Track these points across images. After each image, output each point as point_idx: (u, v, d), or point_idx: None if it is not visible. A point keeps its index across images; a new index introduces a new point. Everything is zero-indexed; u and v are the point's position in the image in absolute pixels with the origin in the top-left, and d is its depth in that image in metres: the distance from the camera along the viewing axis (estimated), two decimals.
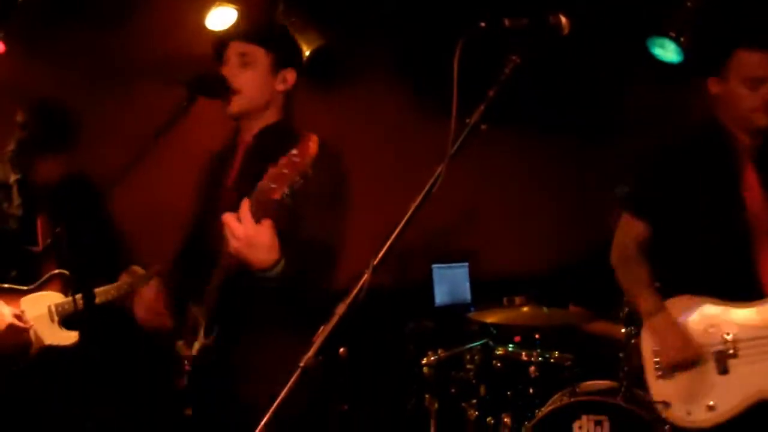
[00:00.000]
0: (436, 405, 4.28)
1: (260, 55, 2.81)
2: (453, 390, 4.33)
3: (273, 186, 2.31)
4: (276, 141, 2.78)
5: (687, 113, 4.34)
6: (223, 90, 2.75)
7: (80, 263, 3.24)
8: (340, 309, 1.67)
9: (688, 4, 4.40)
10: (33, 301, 3.65)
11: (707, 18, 4.38)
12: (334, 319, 1.66)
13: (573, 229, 5.46)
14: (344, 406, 3.21)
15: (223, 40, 2.86)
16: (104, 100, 4.54)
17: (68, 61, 4.60)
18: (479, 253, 5.84)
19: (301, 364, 1.64)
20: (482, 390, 4.26)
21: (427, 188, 1.76)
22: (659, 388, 3.14)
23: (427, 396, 4.32)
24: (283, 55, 2.87)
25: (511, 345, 4.43)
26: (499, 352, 4.31)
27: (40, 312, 3.63)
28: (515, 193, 5.78)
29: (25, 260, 3.69)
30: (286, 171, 2.30)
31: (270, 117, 2.87)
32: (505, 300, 4.61)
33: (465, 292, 5.73)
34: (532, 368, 4.12)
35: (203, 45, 4.52)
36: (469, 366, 4.31)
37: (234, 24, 2.91)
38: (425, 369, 4.34)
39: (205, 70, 2.80)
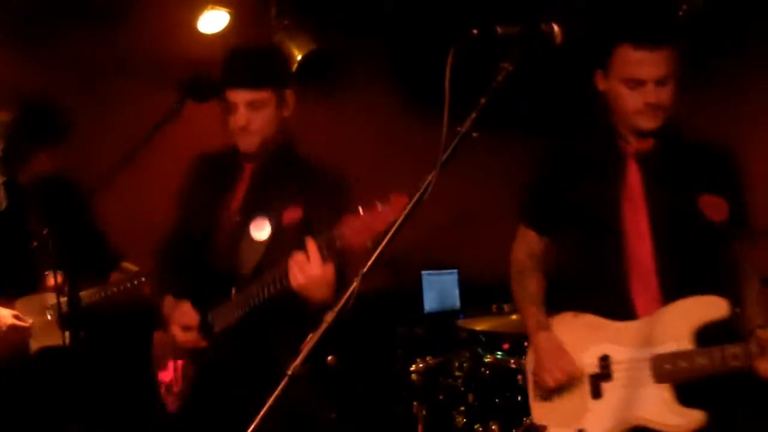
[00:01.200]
0: (425, 412, 4.27)
1: (268, 97, 2.83)
2: (441, 397, 4.32)
3: (356, 236, 2.37)
4: (284, 161, 2.89)
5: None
6: (214, 93, 2.75)
7: (67, 264, 3.22)
8: (329, 317, 1.66)
9: (681, 12, 4.42)
10: (29, 303, 3.65)
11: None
12: (323, 327, 1.65)
13: None
14: (332, 414, 3.19)
15: (227, 82, 2.84)
16: (96, 101, 4.52)
17: (60, 62, 4.58)
18: (469, 259, 5.83)
19: (289, 372, 1.62)
20: (470, 397, 4.25)
21: (417, 196, 1.75)
22: (538, 411, 2.88)
23: (415, 403, 4.31)
24: (285, 83, 2.91)
25: (499, 352, 4.42)
26: (488, 359, 4.30)
27: (36, 313, 3.63)
28: (505, 200, 5.76)
29: (18, 261, 3.66)
30: (373, 225, 2.34)
31: (276, 141, 2.90)
32: (494, 307, 4.61)
33: (454, 299, 5.73)
34: (521, 376, 4.11)
35: (195, 48, 4.54)
36: (457, 373, 4.30)
37: (235, 70, 2.86)
38: (414, 376, 4.33)
39: (196, 73, 2.79)
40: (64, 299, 3.59)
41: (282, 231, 2.72)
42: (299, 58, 4.94)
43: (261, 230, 2.72)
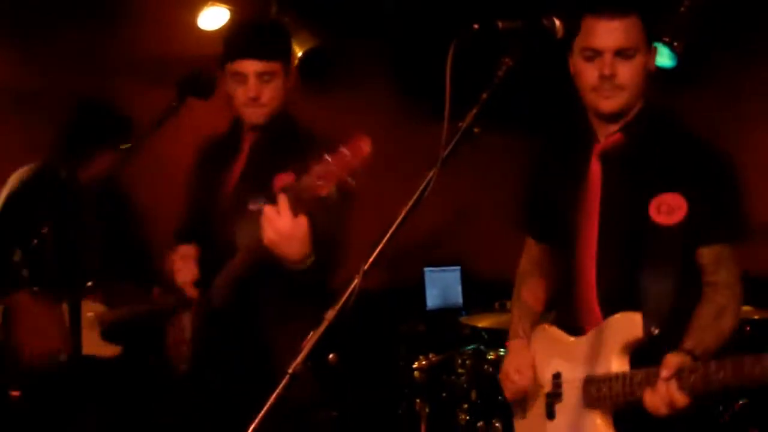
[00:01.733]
0: (427, 409, 4.27)
1: (278, 69, 2.82)
2: (444, 394, 4.31)
3: (319, 183, 2.30)
4: (282, 132, 2.87)
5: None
6: (212, 90, 2.75)
7: (67, 267, 3.22)
8: (330, 314, 1.65)
9: (682, 9, 4.40)
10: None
11: None
12: (324, 325, 1.64)
13: None
14: (334, 413, 3.18)
15: (237, 54, 2.82)
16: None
17: (60, 60, 4.59)
18: (471, 256, 5.82)
19: (290, 371, 1.61)
20: (473, 395, 4.24)
21: (418, 193, 1.74)
22: (516, 426, 2.75)
23: (418, 400, 4.31)
24: (290, 56, 2.93)
25: (502, 350, 4.41)
26: (491, 356, 4.29)
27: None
28: (508, 196, 5.75)
29: (68, 262, 3.61)
30: (334, 168, 2.28)
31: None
32: (496, 304, 4.59)
33: (457, 296, 5.71)
34: None
35: (195, 45, 4.53)
36: (460, 370, 4.29)
37: (247, 41, 2.85)
38: (416, 373, 4.32)
39: (195, 70, 2.78)
40: (112, 309, 3.62)
41: (311, 203, 2.60)
42: (299, 54, 4.93)
43: (256, 202, 2.64)
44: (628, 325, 2.31)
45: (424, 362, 4.32)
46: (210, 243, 2.80)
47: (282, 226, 2.40)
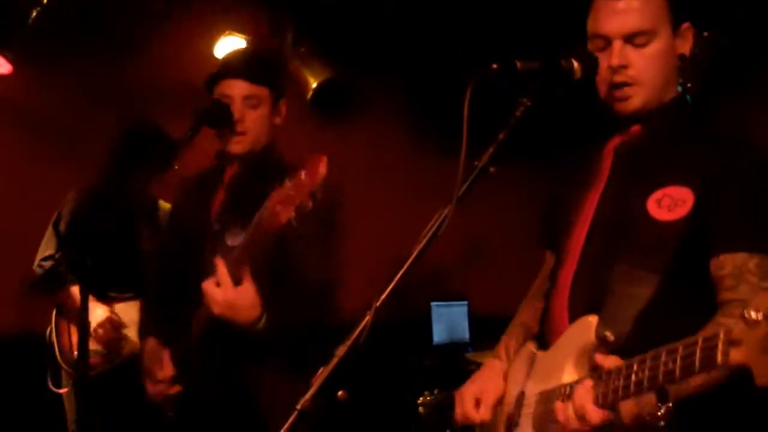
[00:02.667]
0: None
1: (265, 95, 2.81)
2: (449, 430, 4.28)
3: (278, 209, 2.25)
4: (262, 166, 2.81)
5: None
6: (229, 122, 2.75)
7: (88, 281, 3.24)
8: (341, 351, 1.63)
9: (696, 50, 4.41)
10: (127, 308, 3.79)
11: None
12: (334, 361, 1.63)
13: None
14: None
15: (224, 75, 2.83)
16: (111, 125, 4.54)
17: (78, 88, 4.63)
18: (478, 291, 5.80)
19: (298, 407, 1.59)
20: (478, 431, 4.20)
21: (433, 230, 1.73)
22: None
23: None
24: (281, 89, 2.89)
25: None
26: None
27: (134, 318, 3.75)
28: (516, 231, 5.76)
29: (121, 268, 3.78)
30: (293, 193, 2.24)
31: (260, 147, 2.86)
32: None
33: (463, 331, 5.69)
34: None
35: None
36: None
37: (235, 63, 2.88)
38: (421, 408, 4.29)
39: (211, 101, 2.79)
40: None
41: (270, 236, 2.54)
42: (314, 85, 4.95)
43: (235, 238, 2.61)
44: (582, 329, 1.89)
45: (429, 398, 4.29)
46: (191, 275, 2.73)
47: (223, 297, 2.38)
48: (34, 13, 4.09)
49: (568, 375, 1.88)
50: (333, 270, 2.69)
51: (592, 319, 1.86)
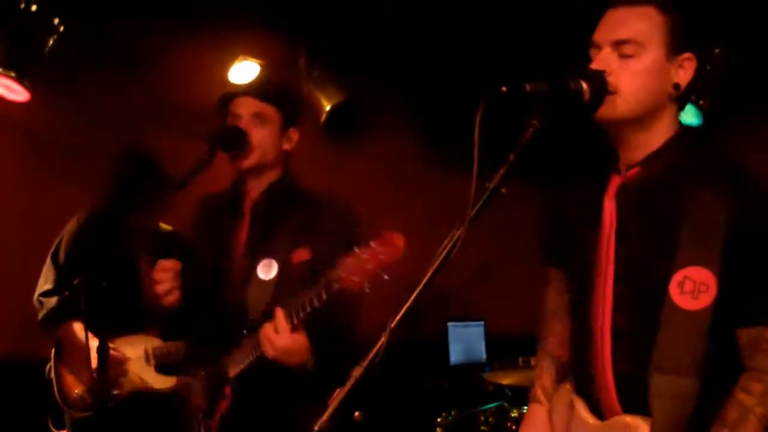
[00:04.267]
0: None
1: (273, 114, 2.86)
2: None
3: (354, 278, 2.31)
4: (283, 198, 2.86)
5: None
6: (243, 146, 2.78)
7: (97, 315, 3.25)
8: (356, 372, 1.65)
9: (708, 67, 4.42)
10: (129, 343, 3.70)
11: None
12: (350, 383, 1.64)
13: None
14: None
15: (234, 94, 2.89)
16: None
17: (92, 110, 4.66)
18: (495, 311, 5.80)
19: (316, 428, 1.61)
20: None
21: (446, 252, 1.74)
22: None
23: None
24: (292, 114, 2.93)
25: (525, 407, 4.36)
26: (514, 414, 4.25)
27: (135, 354, 3.67)
28: (533, 252, 5.75)
29: (122, 301, 3.70)
30: (370, 266, 2.29)
31: (274, 175, 2.90)
32: (520, 360, 4.56)
33: (480, 352, 5.68)
34: None
35: None
36: (483, 428, 4.26)
37: (248, 81, 2.94)
38: (439, 429, 4.29)
39: (226, 125, 2.82)
40: (167, 343, 3.66)
41: (290, 271, 2.70)
42: (328, 108, 4.99)
43: (267, 272, 2.70)
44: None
45: (446, 418, 4.28)
46: (220, 308, 2.80)
47: (280, 343, 2.48)
48: (51, 41, 4.14)
49: None
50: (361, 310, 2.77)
51: (643, 428, 1.90)
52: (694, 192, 1.92)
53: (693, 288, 1.87)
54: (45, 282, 3.84)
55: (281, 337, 2.47)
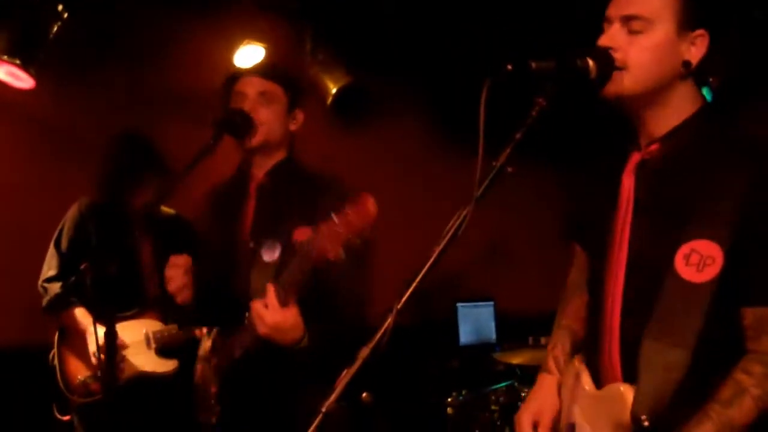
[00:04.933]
0: None
1: (279, 94, 2.86)
2: (477, 431, 4.28)
3: (327, 245, 2.32)
4: (288, 179, 2.86)
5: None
6: (249, 129, 2.77)
7: (103, 300, 3.26)
8: (363, 353, 1.65)
9: (718, 44, 4.37)
10: (129, 327, 3.71)
11: None
12: (357, 364, 1.64)
13: None
14: None
15: (239, 75, 2.90)
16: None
17: (98, 96, 4.67)
18: (505, 291, 5.80)
19: (323, 409, 1.61)
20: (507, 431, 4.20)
21: (452, 232, 1.73)
22: None
23: None
24: (298, 95, 2.92)
25: None
26: (524, 393, 4.25)
27: (136, 338, 3.68)
28: (542, 230, 5.75)
29: (124, 286, 3.74)
30: (341, 230, 2.29)
31: (280, 155, 2.90)
32: (530, 340, 4.56)
33: (490, 332, 5.69)
34: None
35: None
36: (493, 407, 4.26)
37: (253, 62, 2.94)
38: (449, 409, 4.30)
39: (232, 110, 2.81)
40: (167, 326, 3.67)
41: (291, 250, 2.64)
42: (333, 91, 4.98)
43: (271, 254, 2.69)
44: (619, 401, 1.89)
45: (457, 398, 4.29)
46: (227, 290, 2.80)
47: (270, 319, 2.47)
48: (55, 28, 4.13)
49: None
50: (364, 291, 2.76)
51: (627, 394, 1.87)
52: (713, 168, 1.89)
53: (699, 261, 1.84)
54: (49, 269, 3.86)
55: (271, 312, 2.47)
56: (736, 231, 1.82)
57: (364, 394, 2.62)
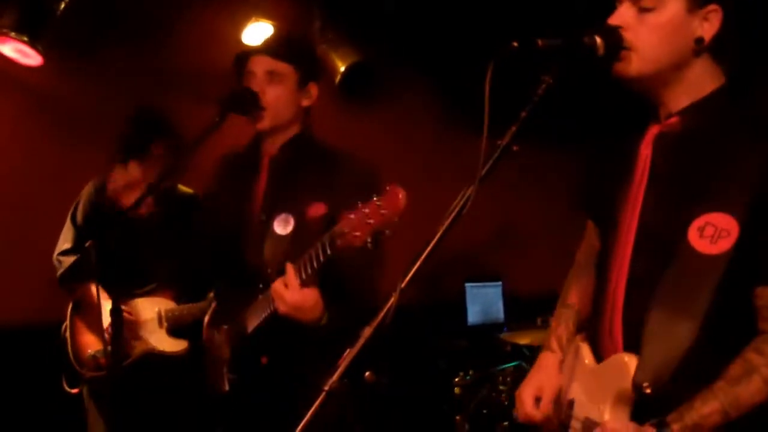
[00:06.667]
0: (467, 426, 4.24)
1: (288, 72, 2.83)
2: (485, 411, 4.28)
3: (355, 234, 2.32)
4: (302, 153, 2.85)
5: None
6: (254, 107, 2.76)
7: (109, 277, 3.27)
8: (366, 332, 1.64)
9: (721, 27, 4.33)
10: (144, 305, 3.75)
11: None
12: (360, 342, 1.64)
13: None
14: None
15: (249, 53, 2.88)
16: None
17: (105, 76, 4.66)
18: (513, 271, 5.79)
19: (326, 388, 1.61)
20: (514, 411, 4.21)
21: (456, 211, 1.72)
22: None
23: (457, 417, 4.28)
24: (309, 70, 2.90)
25: None
26: None
27: (148, 316, 3.71)
28: (550, 210, 5.73)
29: (133, 263, 3.76)
30: (370, 220, 2.29)
31: (293, 130, 2.89)
32: (539, 320, 4.56)
33: (498, 312, 5.68)
34: None
35: None
36: (501, 387, 4.27)
37: (263, 39, 2.91)
38: (456, 389, 4.30)
39: (237, 88, 2.80)
40: (180, 306, 3.68)
41: (306, 226, 2.69)
42: (342, 69, 4.96)
43: (284, 226, 2.69)
44: (620, 370, 1.87)
45: (464, 378, 4.30)
46: (240, 263, 2.81)
47: (291, 299, 2.50)
48: (63, 5, 4.12)
49: (607, 415, 1.90)
50: (380, 271, 2.75)
51: (631, 363, 1.84)
52: (732, 145, 1.85)
53: (713, 233, 1.80)
54: (64, 242, 3.89)
55: (291, 292, 2.49)
56: (753, 207, 1.77)
57: (367, 373, 2.62)
